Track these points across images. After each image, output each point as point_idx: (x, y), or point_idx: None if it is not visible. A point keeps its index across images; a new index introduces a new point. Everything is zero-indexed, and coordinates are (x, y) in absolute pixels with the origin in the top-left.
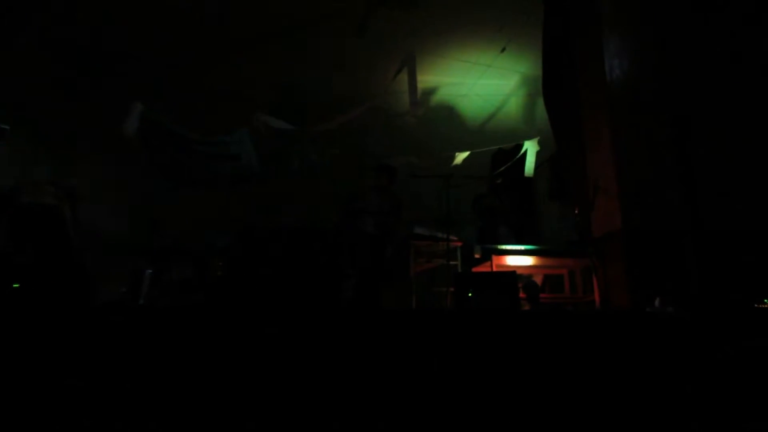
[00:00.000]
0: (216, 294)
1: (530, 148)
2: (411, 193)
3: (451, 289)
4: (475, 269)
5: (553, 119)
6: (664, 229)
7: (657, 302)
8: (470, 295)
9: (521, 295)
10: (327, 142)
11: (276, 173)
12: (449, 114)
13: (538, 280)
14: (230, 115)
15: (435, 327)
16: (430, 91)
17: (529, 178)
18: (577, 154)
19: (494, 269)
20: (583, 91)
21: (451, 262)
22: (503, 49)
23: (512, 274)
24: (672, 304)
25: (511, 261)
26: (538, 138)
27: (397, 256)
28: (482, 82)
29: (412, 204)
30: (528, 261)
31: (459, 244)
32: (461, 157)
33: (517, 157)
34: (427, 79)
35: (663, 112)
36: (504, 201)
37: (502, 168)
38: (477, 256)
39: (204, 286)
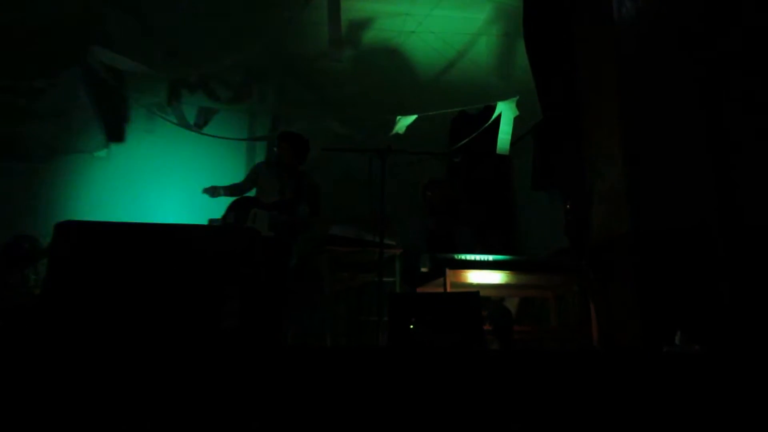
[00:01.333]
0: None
1: (506, 112)
2: (330, 175)
3: (385, 318)
4: (420, 289)
5: (537, 71)
6: (688, 228)
7: (678, 337)
8: (412, 327)
9: (486, 326)
10: (207, 94)
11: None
12: (389, 59)
13: (511, 305)
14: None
15: (359, 373)
16: (361, 25)
17: (503, 157)
18: (572, 122)
19: (449, 289)
20: (580, 31)
21: (386, 279)
22: None
23: (474, 296)
24: (700, 339)
25: (475, 278)
26: (517, 98)
27: (306, 269)
28: (439, 14)
29: (330, 192)
30: (498, 278)
31: (398, 251)
32: (405, 122)
33: (487, 125)
34: (357, 6)
35: (690, 61)
36: (466, 190)
37: (465, 140)
38: (424, 269)
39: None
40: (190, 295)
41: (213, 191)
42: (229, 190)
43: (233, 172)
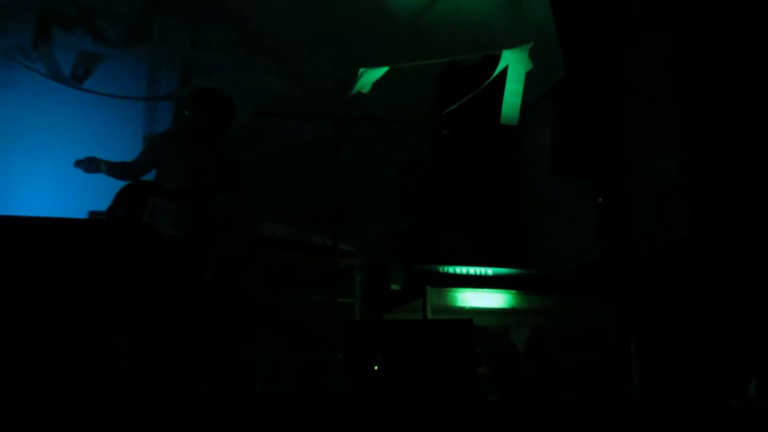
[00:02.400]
0: None
1: (514, 65)
2: (263, 152)
3: (340, 356)
4: (389, 315)
5: (558, 7)
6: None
7: (753, 387)
8: (377, 369)
9: (482, 369)
10: (89, 34)
11: None
12: None
13: (519, 340)
14: None
15: None
16: None
17: (509, 130)
18: (606, 83)
19: (430, 316)
20: None
21: (341, 300)
22: None
23: (466, 326)
24: None
25: (467, 299)
26: (531, 45)
27: (228, 285)
28: None
29: (264, 176)
30: (500, 300)
31: (358, 261)
32: (371, 78)
33: (488, 83)
34: None
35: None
36: (457, 175)
37: (456, 105)
38: (395, 287)
39: None
40: (56, 323)
41: (89, 164)
42: (115, 169)
43: (127, 145)
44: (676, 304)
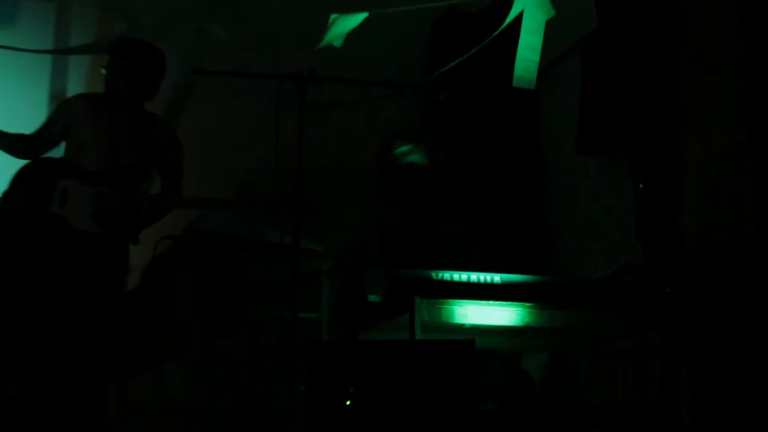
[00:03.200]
0: None
1: (531, 11)
2: (203, 123)
3: (301, 388)
4: (366, 334)
5: None
6: None
7: None
8: (349, 403)
9: (489, 405)
10: None
11: None
12: None
13: (534, 367)
14: None
15: None
16: None
17: (525, 96)
18: (654, 33)
19: (419, 336)
20: None
21: (304, 314)
22: None
23: (466, 350)
24: None
25: (468, 315)
26: None
27: (155, 294)
28: None
29: (203, 153)
30: (511, 316)
31: (327, 264)
32: (344, 26)
33: (497, 33)
34: None
35: None
36: (457, 153)
37: (457, 61)
38: (374, 298)
39: None
40: None
41: None
42: (11, 143)
43: (26, 114)
44: (739, 321)
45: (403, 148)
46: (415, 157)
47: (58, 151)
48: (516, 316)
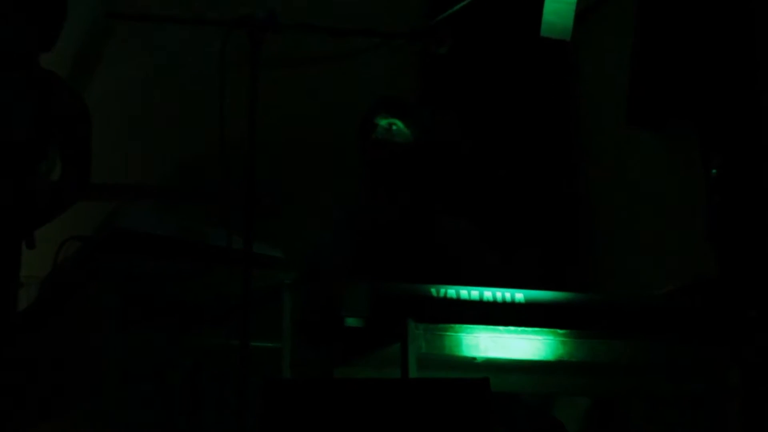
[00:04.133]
0: None
1: None
2: (123, 86)
3: None
4: (342, 370)
5: None
6: None
7: None
8: None
9: None
10: None
11: None
12: None
13: (572, 415)
14: None
15: None
16: None
17: (557, 50)
18: None
19: (414, 373)
20: None
21: (257, 344)
22: None
23: (479, 390)
24: None
25: (482, 344)
26: None
27: (57, 314)
28: None
29: (123, 126)
30: (539, 347)
31: (287, 274)
32: None
33: None
34: None
35: None
36: (467, 127)
37: (460, 4)
38: (353, 322)
39: None
40: None
41: None
42: None
43: None
44: None
45: (388, 122)
46: (405, 134)
47: None
48: (546, 348)
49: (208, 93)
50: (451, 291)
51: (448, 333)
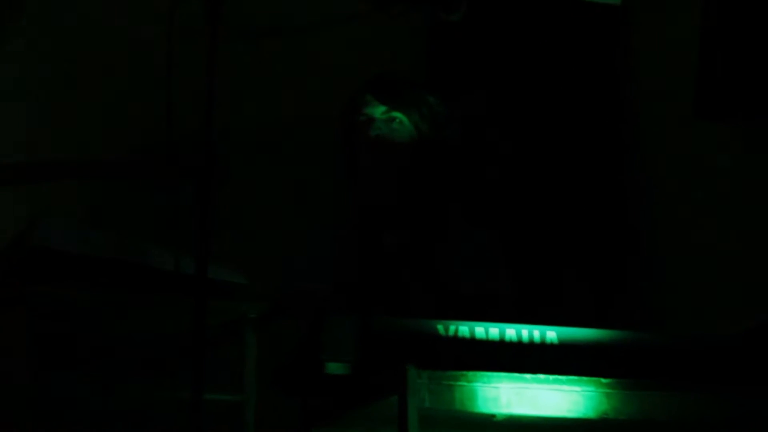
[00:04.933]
0: None
1: None
2: (34, 62)
3: None
4: (321, 429)
5: None
6: None
7: None
8: None
9: None
10: None
11: None
12: None
13: None
14: None
15: None
16: None
17: (604, 15)
18: None
19: None
20: None
21: (216, 396)
22: None
23: None
24: None
25: (504, 397)
26: None
27: None
28: None
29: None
30: (578, 401)
31: (253, 305)
32: None
33: None
34: None
35: None
36: (469, 118)
37: None
38: (336, 367)
39: None
40: None
41: None
42: None
43: None
44: None
45: (387, 114)
46: (409, 130)
47: None
48: (586, 402)
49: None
50: (464, 328)
51: (459, 383)
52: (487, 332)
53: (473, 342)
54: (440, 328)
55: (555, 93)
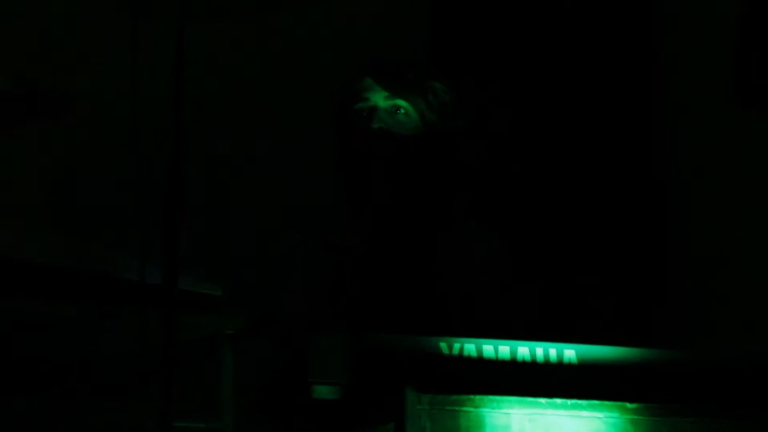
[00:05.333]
0: None
1: None
2: None
3: None
4: None
5: None
6: None
7: None
8: None
9: None
10: None
11: None
12: None
13: None
14: None
15: None
16: None
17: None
18: None
19: None
20: None
21: (187, 424)
22: None
23: None
24: None
25: (514, 426)
26: None
27: None
28: None
29: None
30: (601, 430)
31: (230, 319)
32: None
33: None
34: None
35: None
36: (484, 104)
37: None
38: (324, 391)
39: None
40: None
41: None
42: None
43: None
44: None
45: (390, 103)
46: (414, 121)
47: None
48: (608, 429)
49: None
50: (470, 346)
51: (464, 408)
52: (496, 350)
53: (481, 362)
54: (443, 345)
55: (579, 78)
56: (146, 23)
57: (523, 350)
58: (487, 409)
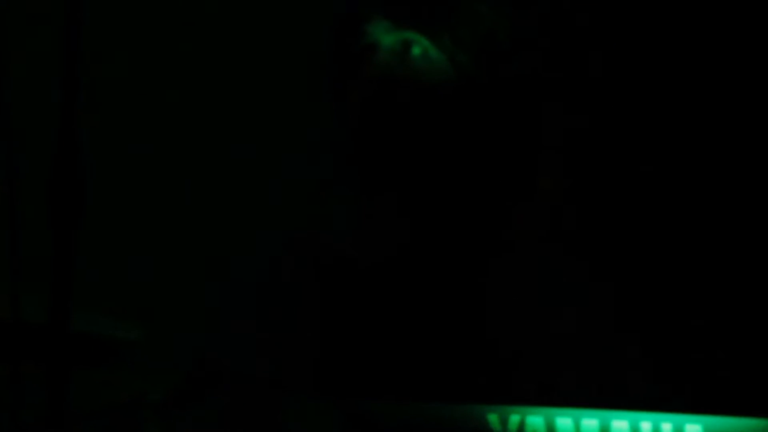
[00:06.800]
0: None
1: None
2: None
3: None
4: None
5: None
6: None
7: None
8: None
9: None
10: None
11: None
12: None
13: None
14: None
15: None
16: None
17: None
18: None
19: None
20: None
21: None
22: None
23: None
24: None
25: None
26: None
27: None
28: None
29: None
30: None
31: (158, 372)
32: None
33: None
34: None
35: None
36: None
37: None
38: None
39: None
40: None
41: None
42: None
43: None
44: None
45: (401, 39)
46: (421, 61)
47: None
48: None
49: None
50: (537, 419)
51: None
52: (577, 426)
53: None
54: (492, 419)
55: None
56: None
57: (621, 424)
58: None
